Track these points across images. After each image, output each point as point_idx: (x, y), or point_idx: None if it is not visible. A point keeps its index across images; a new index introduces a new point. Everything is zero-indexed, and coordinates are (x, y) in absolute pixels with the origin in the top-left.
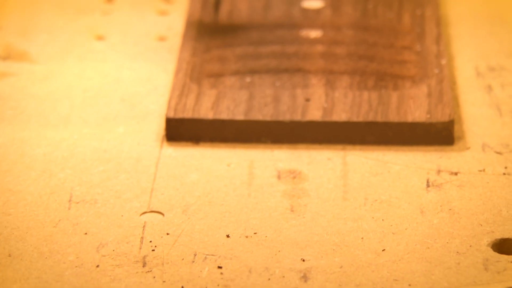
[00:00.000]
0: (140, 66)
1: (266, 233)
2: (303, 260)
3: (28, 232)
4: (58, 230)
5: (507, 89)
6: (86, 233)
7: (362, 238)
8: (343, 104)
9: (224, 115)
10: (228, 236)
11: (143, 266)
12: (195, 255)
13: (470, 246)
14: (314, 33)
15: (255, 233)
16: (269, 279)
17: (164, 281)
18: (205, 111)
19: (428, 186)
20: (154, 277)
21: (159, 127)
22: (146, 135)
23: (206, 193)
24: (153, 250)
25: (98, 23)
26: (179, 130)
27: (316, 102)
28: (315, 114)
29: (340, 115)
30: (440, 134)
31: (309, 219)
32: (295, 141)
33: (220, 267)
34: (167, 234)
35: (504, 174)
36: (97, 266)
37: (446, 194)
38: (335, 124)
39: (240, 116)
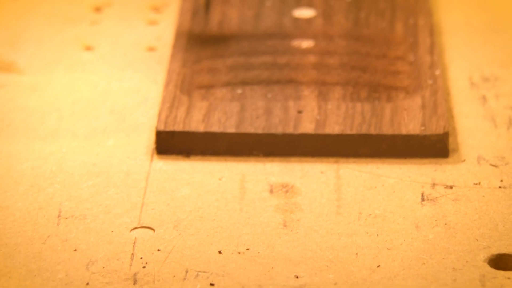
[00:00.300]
0: (130, 77)
1: (259, 249)
2: (297, 277)
3: (16, 249)
4: (47, 247)
5: (501, 99)
6: (75, 250)
7: (356, 254)
8: (336, 116)
9: (215, 128)
10: (220, 252)
11: (134, 283)
12: (186, 272)
13: (467, 262)
14: (306, 43)
15: (247, 249)
16: None
17: None
18: (196, 124)
19: (423, 200)
20: None
21: (149, 140)
22: (136, 148)
23: (197, 208)
24: (144, 267)
25: (87, 33)
26: (170, 143)
27: (308, 114)
28: (307, 126)
29: (333, 127)
30: (434, 146)
31: (303, 234)
32: (287, 154)
33: (212, 285)
34: (158, 250)
35: (500, 187)
36: (87, 283)
37: (441, 208)
38: (328, 137)
39: (231, 129)
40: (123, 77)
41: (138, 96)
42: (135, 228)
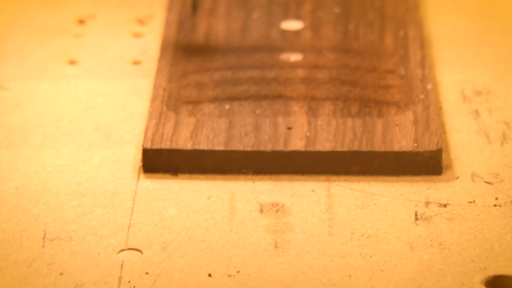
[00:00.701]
0: (115, 92)
1: (250, 271)
2: None
3: (0, 273)
4: (32, 270)
5: (494, 114)
6: (61, 273)
7: (349, 276)
8: (327, 132)
9: (203, 145)
10: (210, 275)
11: None
12: None
13: (463, 284)
14: (294, 57)
15: (238, 272)
16: None
17: None
18: (184, 141)
19: (416, 219)
20: None
21: (136, 157)
22: (122, 166)
23: (186, 228)
24: None
25: (70, 46)
26: (157, 161)
27: (298, 131)
28: (297, 143)
29: (324, 144)
30: (427, 163)
31: (294, 256)
32: (277, 172)
33: None
34: (146, 273)
35: (495, 205)
36: None
37: (436, 227)
38: (318, 154)
39: (220, 146)
40: (108, 92)
41: (123, 112)
42: (122, 250)
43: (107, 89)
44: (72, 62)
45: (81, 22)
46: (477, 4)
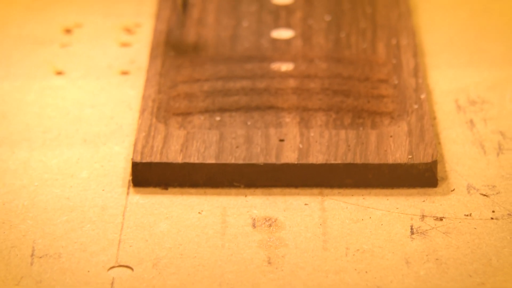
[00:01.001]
0: (103, 103)
1: None
2: None
3: None
4: None
5: (489, 124)
6: None
7: None
8: (319, 144)
9: (194, 159)
10: None
11: None
12: None
13: None
14: (285, 66)
15: None
16: None
17: None
18: (174, 155)
19: (412, 233)
20: None
21: (125, 171)
22: (111, 180)
23: (177, 244)
24: None
25: (57, 56)
26: (147, 175)
27: (290, 143)
28: (290, 156)
29: (317, 157)
30: (422, 175)
31: (288, 272)
32: (269, 185)
33: None
34: None
35: (492, 218)
36: None
37: (432, 242)
38: (311, 167)
39: (211, 160)
40: (96, 103)
41: (112, 124)
42: (113, 267)
43: (95, 100)
44: (59, 73)
45: (68, 31)
46: (470, 11)
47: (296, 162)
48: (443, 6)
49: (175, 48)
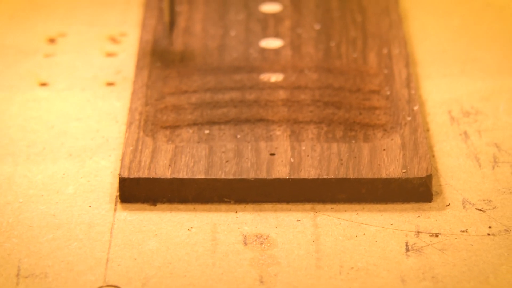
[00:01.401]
0: (88, 115)
1: None
2: None
3: None
4: None
5: (484, 136)
6: None
7: None
8: (311, 158)
9: (183, 174)
10: None
11: None
12: None
13: None
14: (275, 77)
15: None
16: None
17: None
18: (162, 170)
19: (407, 250)
20: None
21: (112, 186)
22: (98, 195)
23: (166, 263)
24: None
25: (41, 66)
26: (134, 191)
27: (281, 157)
28: (281, 171)
29: (309, 171)
30: (417, 190)
31: None
32: (260, 201)
33: None
34: None
35: (488, 234)
36: None
37: (428, 259)
38: (303, 182)
39: (200, 175)
40: (81, 115)
41: (98, 137)
42: (101, 287)
43: (80, 113)
44: (43, 84)
45: (52, 41)
46: (462, 19)
47: (287, 177)
48: (435, 14)
49: (162, 59)
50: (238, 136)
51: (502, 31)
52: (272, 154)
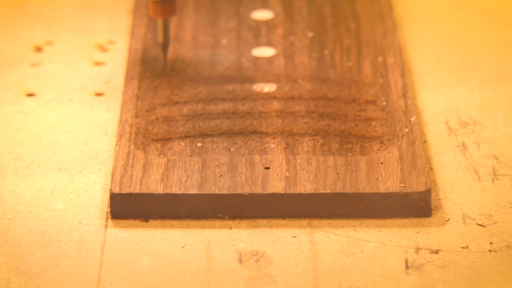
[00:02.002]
0: (77, 127)
1: None
2: None
3: None
4: None
5: (482, 147)
6: None
7: None
8: (307, 172)
9: (175, 189)
10: None
11: None
12: None
13: None
14: (268, 87)
15: None
16: None
17: None
18: (154, 185)
19: (407, 267)
20: None
21: (103, 201)
22: (88, 211)
23: (160, 282)
24: None
25: (28, 76)
26: (126, 207)
27: (277, 171)
28: (276, 185)
29: (305, 186)
30: (416, 205)
31: None
32: (255, 216)
33: None
34: None
35: (490, 251)
36: None
37: (428, 277)
38: (299, 197)
39: (193, 190)
40: (70, 127)
41: (87, 150)
42: None
43: (69, 125)
44: (30, 95)
45: (38, 49)
46: (457, 27)
47: (283, 192)
48: (429, 21)
49: (152, 68)
50: (232, 149)
51: (498, 38)
52: (267, 168)
